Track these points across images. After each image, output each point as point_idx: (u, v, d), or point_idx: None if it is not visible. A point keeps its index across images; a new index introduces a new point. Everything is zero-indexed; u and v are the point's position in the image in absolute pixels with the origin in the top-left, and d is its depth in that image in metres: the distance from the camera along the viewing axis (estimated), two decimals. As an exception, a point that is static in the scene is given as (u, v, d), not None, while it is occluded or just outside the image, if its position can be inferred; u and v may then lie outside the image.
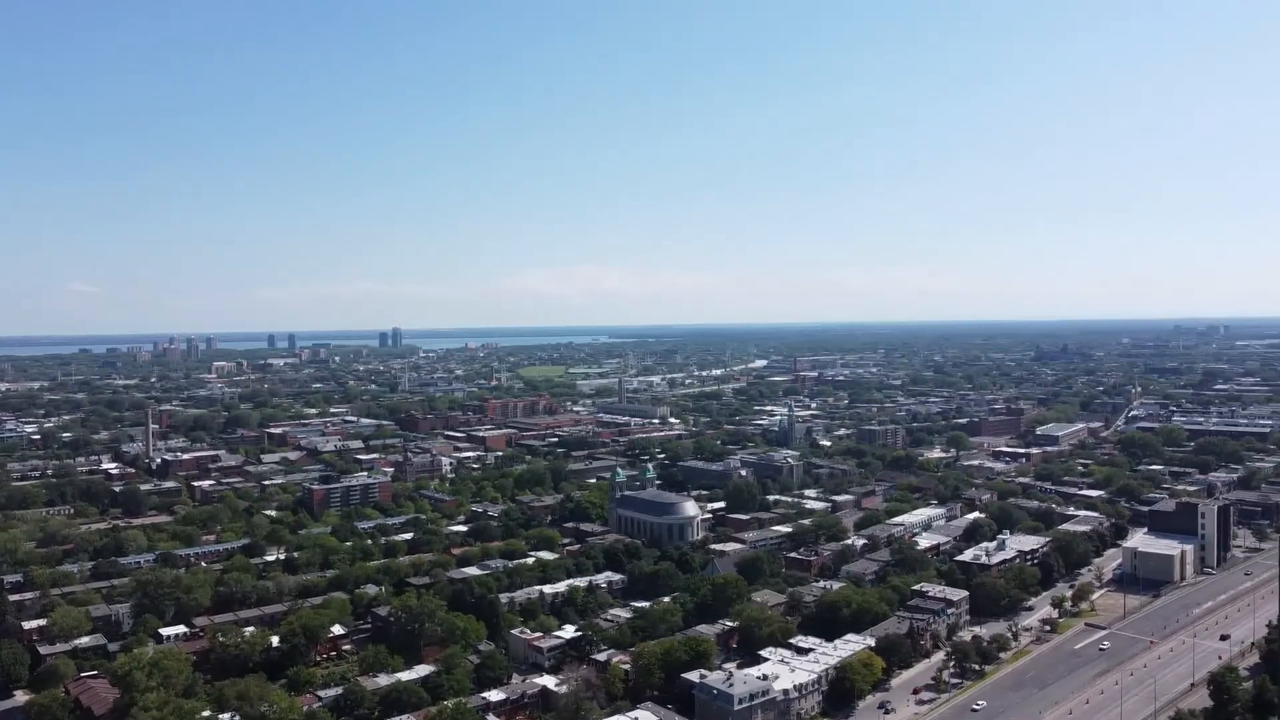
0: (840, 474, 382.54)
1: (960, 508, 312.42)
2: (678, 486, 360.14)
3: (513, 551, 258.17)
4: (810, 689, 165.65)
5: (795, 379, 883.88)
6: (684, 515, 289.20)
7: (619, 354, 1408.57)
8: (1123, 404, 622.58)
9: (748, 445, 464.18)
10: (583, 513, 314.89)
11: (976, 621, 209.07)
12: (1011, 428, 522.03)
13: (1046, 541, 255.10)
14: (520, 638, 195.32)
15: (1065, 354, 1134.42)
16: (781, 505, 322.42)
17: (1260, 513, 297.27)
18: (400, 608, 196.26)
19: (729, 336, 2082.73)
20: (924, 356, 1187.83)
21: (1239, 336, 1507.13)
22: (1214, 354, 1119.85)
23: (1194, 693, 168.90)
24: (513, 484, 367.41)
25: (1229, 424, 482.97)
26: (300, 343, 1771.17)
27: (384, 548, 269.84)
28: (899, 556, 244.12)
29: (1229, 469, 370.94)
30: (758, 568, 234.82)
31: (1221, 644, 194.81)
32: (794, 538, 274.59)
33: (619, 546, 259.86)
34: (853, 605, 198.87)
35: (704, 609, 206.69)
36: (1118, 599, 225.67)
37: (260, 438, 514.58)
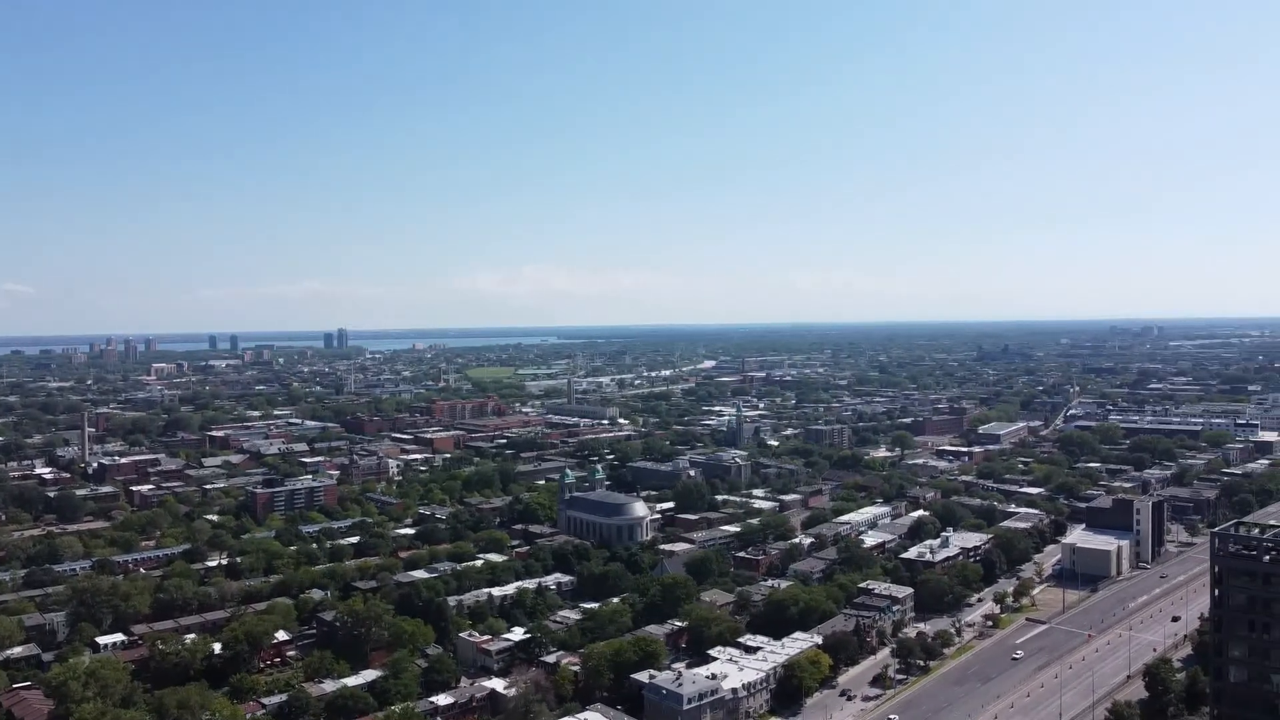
0: (788, 473, 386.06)
1: (905, 506, 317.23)
2: (627, 487, 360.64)
3: (461, 554, 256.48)
4: (758, 687, 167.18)
5: (743, 379, 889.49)
6: (633, 516, 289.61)
7: (568, 355, 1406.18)
8: (1061, 403, 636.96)
9: (696, 445, 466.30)
10: (532, 514, 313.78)
11: (921, 618, 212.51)
12: (954, 427, 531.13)
13: (988, 538, 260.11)
14: (469, 641, 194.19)
15: (1006, 354, 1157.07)
16: (730, 505, 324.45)
17: (1192, 508, 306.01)
18: (346, 612, 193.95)
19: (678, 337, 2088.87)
20: (870, 357, 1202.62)
21: (1171, 337, 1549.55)
22: (1148, 354, 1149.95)
23: (1130, 684, 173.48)
24: (461, 486, 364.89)
25: (1162, 422, 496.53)
26: (243, 344, 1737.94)
27: (329, 552, 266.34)
28: (845, 555, 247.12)
29: (1163, 466, 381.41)
30: (707, 567, 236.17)
31: (1155, 637, 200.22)
32: (742, 537, 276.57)
33: (568, 548, 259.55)
34: (800, 604, 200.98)
35: (653, 609, 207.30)
36: (1057, 594, 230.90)
37: (201, 441, 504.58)
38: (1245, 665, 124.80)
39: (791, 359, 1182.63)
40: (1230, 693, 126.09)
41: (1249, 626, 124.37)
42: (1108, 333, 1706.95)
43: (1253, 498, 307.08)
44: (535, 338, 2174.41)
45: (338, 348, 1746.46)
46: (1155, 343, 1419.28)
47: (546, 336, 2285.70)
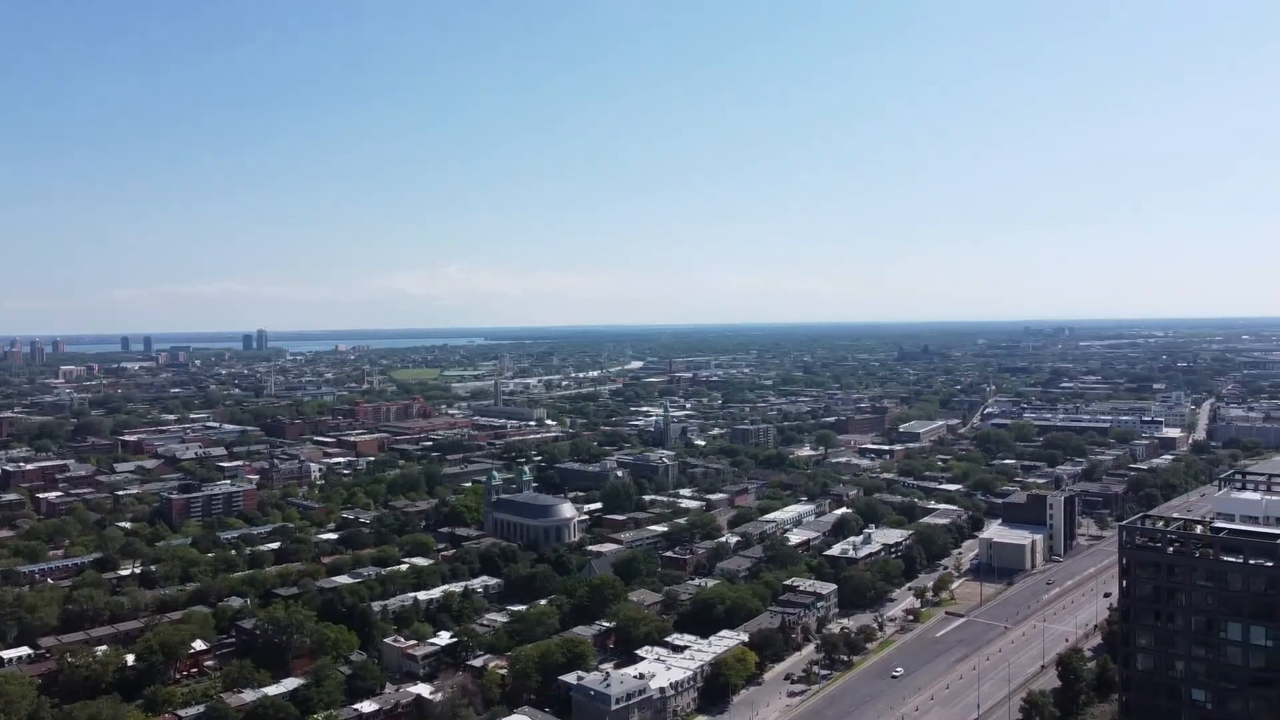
0: (714, 473, 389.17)
1: (829, 504, 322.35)
2: (554, 488, 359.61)
3: (386, 558, 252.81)
4: (686, 686, 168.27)
5: (671, 380, 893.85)
6: (561, 517, 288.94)
7: (495, 356, 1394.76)
8: (978, 402, 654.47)
9: (624, 446, 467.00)
10: (458, 517, 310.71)
11: (845, 613, 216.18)
12: (876, 425, 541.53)
13: (909, 535, 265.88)
14: (394, 646, 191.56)
15: (926, 354, 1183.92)
16: (657, 505, 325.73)
17: (1102, 503, 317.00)
18: (267, 620, 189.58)
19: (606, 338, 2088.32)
20: (794, 357, 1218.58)
21: (1082, 338, 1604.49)
22: (1060, 354, 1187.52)
23: (1044, 674, 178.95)
24: (385, 489, 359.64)
25: (1074, 420, 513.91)
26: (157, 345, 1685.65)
27: (249, 558, 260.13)
28: (771, 553, 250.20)
29: (1074, 462, 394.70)
30: (634, 567, 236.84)
31: (1068, 627, 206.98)
32: (670, 537, 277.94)
33: (495, 550, 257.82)
34: (727, 602, 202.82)
35: (581, 610, 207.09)
36: (975, 587, 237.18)
37: (113, 446, 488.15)
38: (1151, 653, 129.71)
39: (718, 360, 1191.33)
40: (1137, 680, 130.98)
41: (1154, 616, 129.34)
42: (1022, 334, 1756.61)
43: (1158, 492, 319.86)
44: (461, 339, 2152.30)
45: (257, 349, 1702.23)
46: (1067, 343, 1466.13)
47: (473, 337, 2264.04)
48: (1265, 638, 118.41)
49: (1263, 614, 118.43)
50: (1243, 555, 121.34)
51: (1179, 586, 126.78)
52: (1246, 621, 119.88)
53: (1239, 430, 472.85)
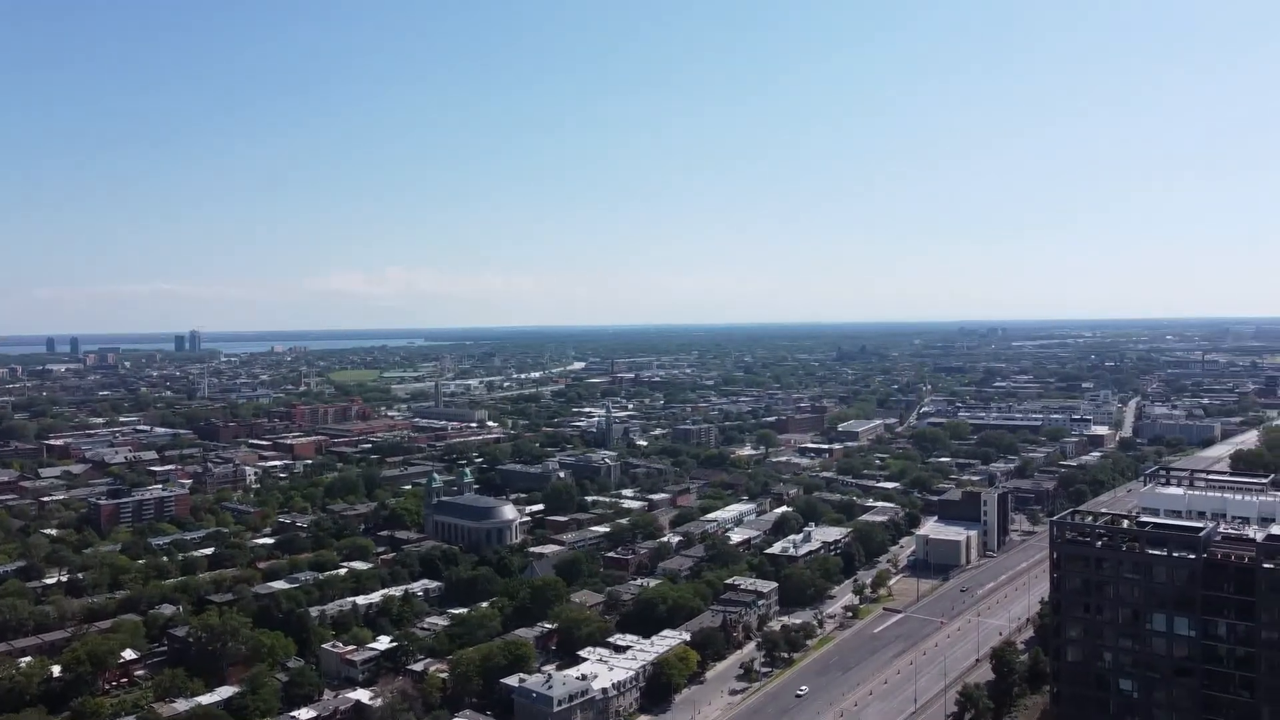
0: (656, 473, 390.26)
1: (769, 502, 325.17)
2: (496, 490, 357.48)
3: (323, 563, 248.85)
4: (628, 686, 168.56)
5: (613, 380, 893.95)
6: (502, 519, 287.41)
7: (436, 357, 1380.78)
8: (915, 401, 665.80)
9: (566, 447, 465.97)
10: (398, 520, 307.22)
11: (785, 611, 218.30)
12: (816, 425, 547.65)
13: (848, 532, 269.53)
14: (332, 652, 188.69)
15: (864, 354, 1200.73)
16: (600, 505, 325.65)
17: (1034, 499, 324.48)
18: (200, 627, 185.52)
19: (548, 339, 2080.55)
20: (735, 358, 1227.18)
21: (1014, 338, 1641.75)
22: (993, 354, 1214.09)
23: (979, 667, 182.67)
24: (323, 493, 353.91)
25: (1006, 418, 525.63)
26: (85, 346, 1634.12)
27: (182, 564, 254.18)
28: (712, 552, 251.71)
29: (1007, 460, 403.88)
30: (576, 568, 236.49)
31: (1001, 621, 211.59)
32: (612, 537, 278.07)
33: (436, 553, 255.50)
34: (669, 601, 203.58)
35: (523, 612, 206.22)
36: (912, 583, 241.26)
37: (38, 450, 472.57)
38: (1081, 644, 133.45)
39: (660, 360, 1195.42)
40: (1068, 671, 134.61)
41: (1084, 608, 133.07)
42: (957, 334, 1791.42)
43: (1087, 488, 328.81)
44: (401, 340, 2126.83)
45: (190, 350, 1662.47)
46: (1000, 343, 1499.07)
47: (413, 339, 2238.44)
48: (1188, 628, 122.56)
49: (1186, 605, 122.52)
50: (1167, 548, 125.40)
51: (1107, 580, 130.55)
52: (1170, 612, 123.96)
53: (1163, 428, 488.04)
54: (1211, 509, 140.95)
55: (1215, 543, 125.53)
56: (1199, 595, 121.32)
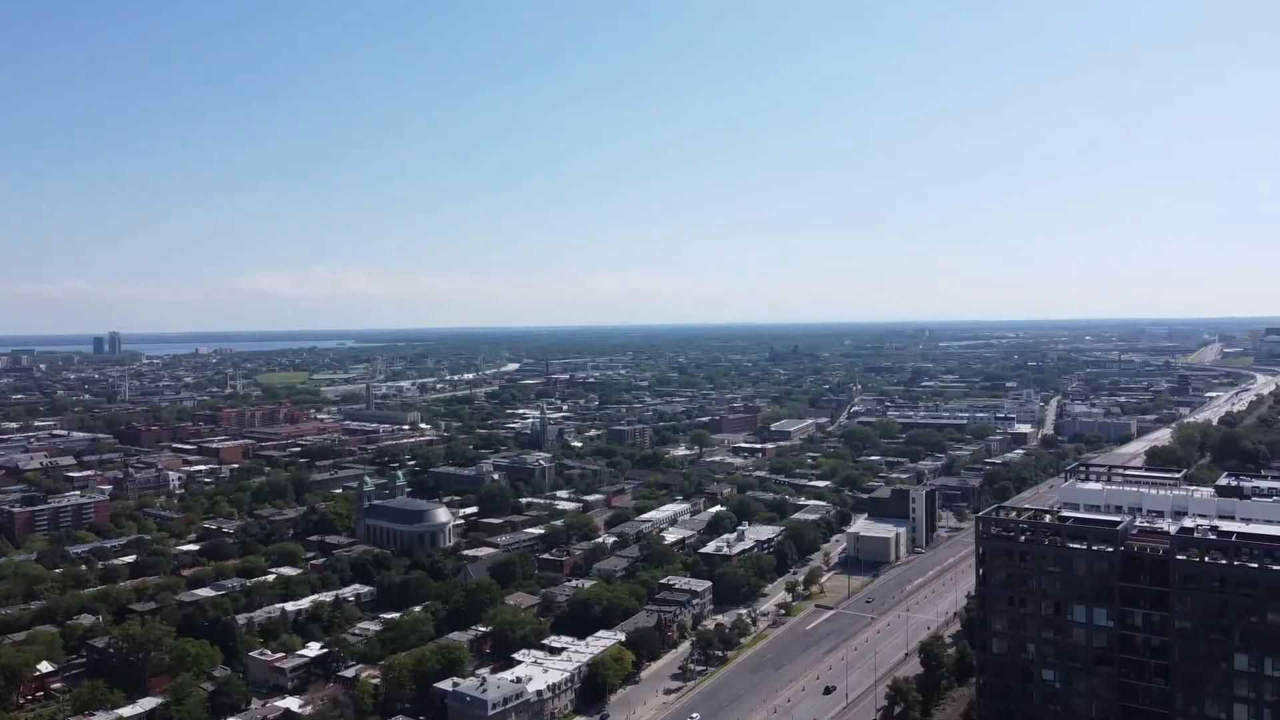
0: (591, 474, 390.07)
1: (703, 502, 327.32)
2: (429, 493, 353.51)
3: (251, 569, 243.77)
4: (563, 687, 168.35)
5: (547, 381, 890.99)
6: (435, 522, 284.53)
7: (367, 359, 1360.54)
8: (845, 400, 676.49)
9: (500, 449, 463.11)
10: (329, 525, 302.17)
11: (720, 610, 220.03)
12: (749, 424, 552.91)
13: (781, 530, 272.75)
14: (261, 659, 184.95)
15: (796, 355, 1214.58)
16: (534, 507, 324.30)
17: (960, 496, 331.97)
18: (121, 637, 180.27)
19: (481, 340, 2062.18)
20: (670, 358, 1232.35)
21: (941, 338, 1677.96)
22: (921, 354, 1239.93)
23: (908, 661, 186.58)
24: (250, 497, 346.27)
25: (934, 417, 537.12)
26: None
27: (101, 573, 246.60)
28: (647, 552, 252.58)
29: (934, 458, 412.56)
30: (511, 571, 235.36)
31: (930, 616, 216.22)
32: (547, 539, 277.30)
33: (368, 558, 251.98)
34: (604, 602, 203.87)
35: (457, 616, 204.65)
36: (843, 580, 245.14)
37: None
38: (1005, 637, 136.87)
39: (594, 361, 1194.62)
40: (993, 663, 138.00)
41: (1008, 601, 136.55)
42: (886, 335, 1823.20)
43: (1011, 485, 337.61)
44: (331, 341, 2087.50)
45: (110, 352, 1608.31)
46: (927, 344, 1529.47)
47: (343, 340, 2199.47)
48: (1107, 619, 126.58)
49: (1105, 596, 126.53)
50: (1086, 542, 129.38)
51: (1030, 573, 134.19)
52: (1090, 604, 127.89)
53: (1083, 425, 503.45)
54: (1128, 503, 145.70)
55: (1132, 536, 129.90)
56: (1116, 587, 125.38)
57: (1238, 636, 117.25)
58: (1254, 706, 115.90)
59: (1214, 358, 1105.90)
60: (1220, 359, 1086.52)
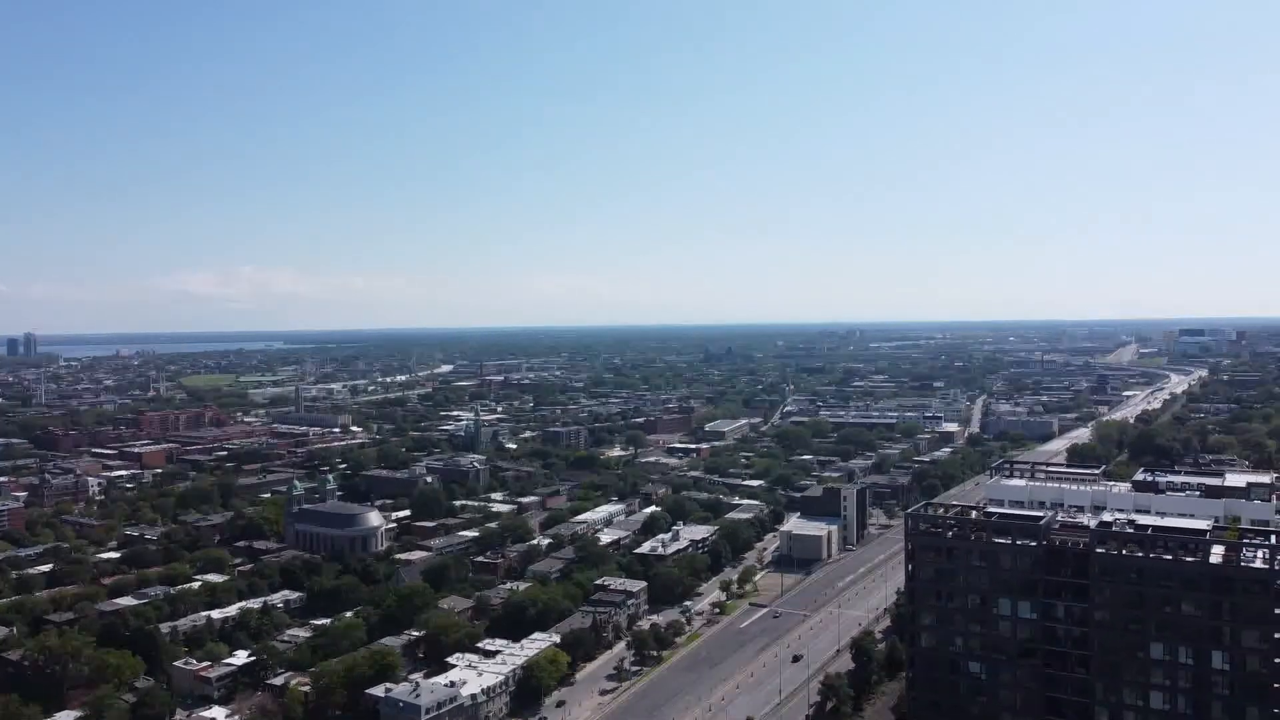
0: (526, 476, 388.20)
1: (638, 502, 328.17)
2: (361, 497, 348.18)
3: (175, 576, 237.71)
4: (498, 691, 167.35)
5: (482, 383, 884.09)
6: (367, 526, 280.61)
7: (296, 360, 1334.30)
8: (779, 400, 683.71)
9: (434, 451, 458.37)
10: (257, 530, 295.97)
11: (655, 610, 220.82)
12: (684, 425, 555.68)
13: (715, 530, 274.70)
14: (185, 669, 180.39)
15: (729, 356, 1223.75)
16: (469, 510, 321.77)
17: (890, 494, 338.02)
18: (37, 649, 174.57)
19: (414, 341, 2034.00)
20: (605, 359, 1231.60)
21: (872, 339, 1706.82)
22: (852, 355, 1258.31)
23: (840, 657, 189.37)
24: (175, 503, 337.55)
25: (865, 417, 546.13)
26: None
27: (15, 583, 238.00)
28: (582, 553, 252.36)
29: (865, 456, 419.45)
30: (445, 574, 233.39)
31: (861, 612, 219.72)
32: (481, 541, 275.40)
33: (297, 563, 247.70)
34: (539, 604, 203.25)
35: (390, 621, 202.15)
36: (777, 578, 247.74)
37: None
38: (934, 631, 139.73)
39: (529, 362, 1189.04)
40: (922, 656, 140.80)
41: (936, 596, 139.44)
42: (818, 335, 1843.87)
43: (939, 482, 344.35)
44: (259, 343, 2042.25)
45: (24, 355, 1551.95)
46: (858, 345, 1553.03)
47: (271, 341, 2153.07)
48: (1030, 611, 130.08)
49: (1029, 590, 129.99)
50: (1011, 537, 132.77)
51: (957, 568, 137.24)
52: (1015, 597, 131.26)
53: (1007, 424, 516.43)
54: (1050, 499, 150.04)
55: (1054, 531, 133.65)
56: (1040, 580, 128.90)
57: (1154, 626, 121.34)
58: (1169, 694, 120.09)
59: (1131, 358, 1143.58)
60: (1137, 359, 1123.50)
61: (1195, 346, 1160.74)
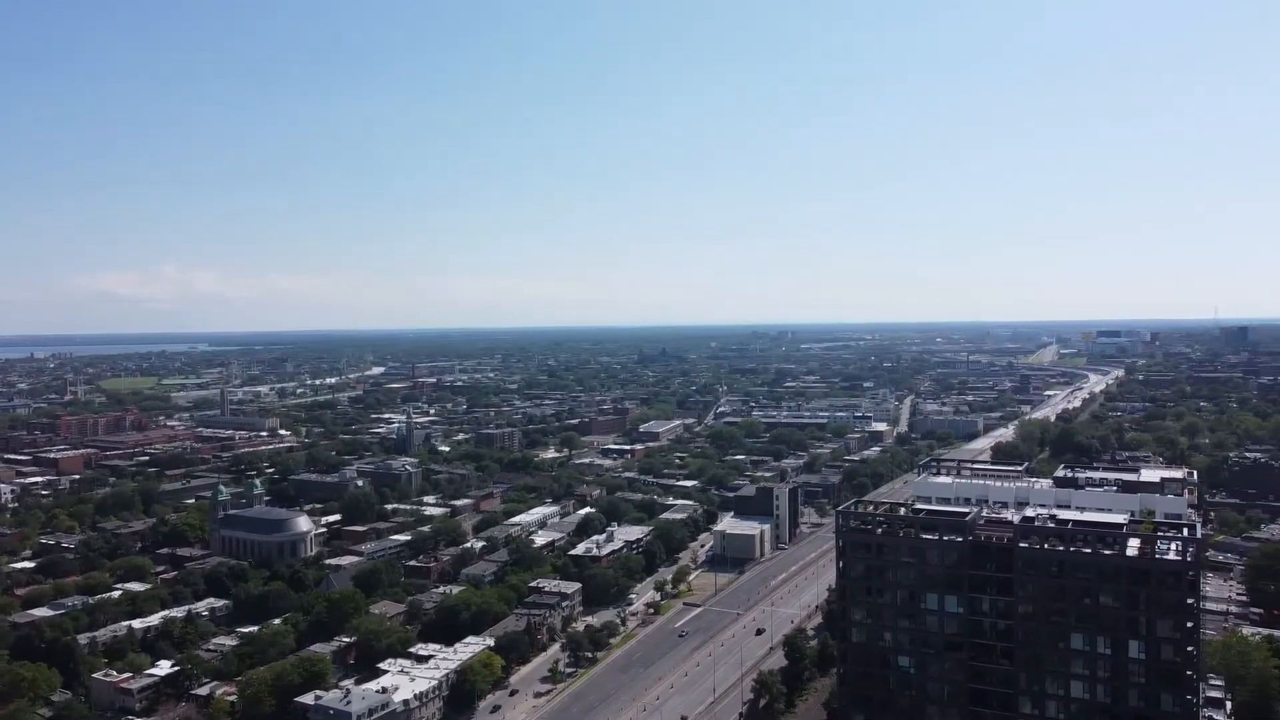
0: (459, 478, 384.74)
1: (573, 504, 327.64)
2: (289, 501, 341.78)
3: (94, 586, 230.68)
4: (431, 696, 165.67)
5: (414, 385, 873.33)
6: (296, 531, 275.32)
7: (221, 363, 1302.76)
8: (712, 401, 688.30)
9: (365, 454, 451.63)
10: (180, 537, 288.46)
11: (590, 611, 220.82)
12: (618, 426, 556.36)
13: (650, 530, 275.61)
14: (105, 681, 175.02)
15: (664, 357, 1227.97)
16: (401, 514, 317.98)
17: (821, 492, 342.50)
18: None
19: (344, 343, 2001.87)
20: (539, 361, 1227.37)
21: (803, 340, 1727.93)
22: (784, 356, 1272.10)
23: (773, 655, 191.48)
24: (94, 510, 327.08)
25: (796, 417, 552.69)
26: None
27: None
28: (517, 555, 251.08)
29: (797, 456, 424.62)
30: (376, 579, 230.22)
31: (793, 610, 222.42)
32: (413, 545, 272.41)
33: (223, 570, 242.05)
34: (473, 607, 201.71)
35: (319, 627, 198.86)
36: (710, 578, 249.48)
37: None
38: (865, 627, 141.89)
39: (462, 364, 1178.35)
40: (853, 652, 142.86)
41: (866, 592, 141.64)
42: (750, 336, 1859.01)
43: (869, 480, 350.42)
44: (182, 344, 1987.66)
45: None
46: (790, 345, 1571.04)
47: (196, 343, 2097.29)
48: (957, 605, 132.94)
49: (955, 584, 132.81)
50: (938, 533, 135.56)
51: (887, 564, 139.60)
52: (942, 592, 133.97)
53: (934, 423, 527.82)
54: (976, 495, 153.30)
55: (979, 526, 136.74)
56: (966, 575, 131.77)
57: (1074, 618, 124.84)
58: (1089, 683, 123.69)
59: (1052, 358, 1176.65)
60: (1057, 359, 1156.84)
61: (1112, 347, 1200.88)
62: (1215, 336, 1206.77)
